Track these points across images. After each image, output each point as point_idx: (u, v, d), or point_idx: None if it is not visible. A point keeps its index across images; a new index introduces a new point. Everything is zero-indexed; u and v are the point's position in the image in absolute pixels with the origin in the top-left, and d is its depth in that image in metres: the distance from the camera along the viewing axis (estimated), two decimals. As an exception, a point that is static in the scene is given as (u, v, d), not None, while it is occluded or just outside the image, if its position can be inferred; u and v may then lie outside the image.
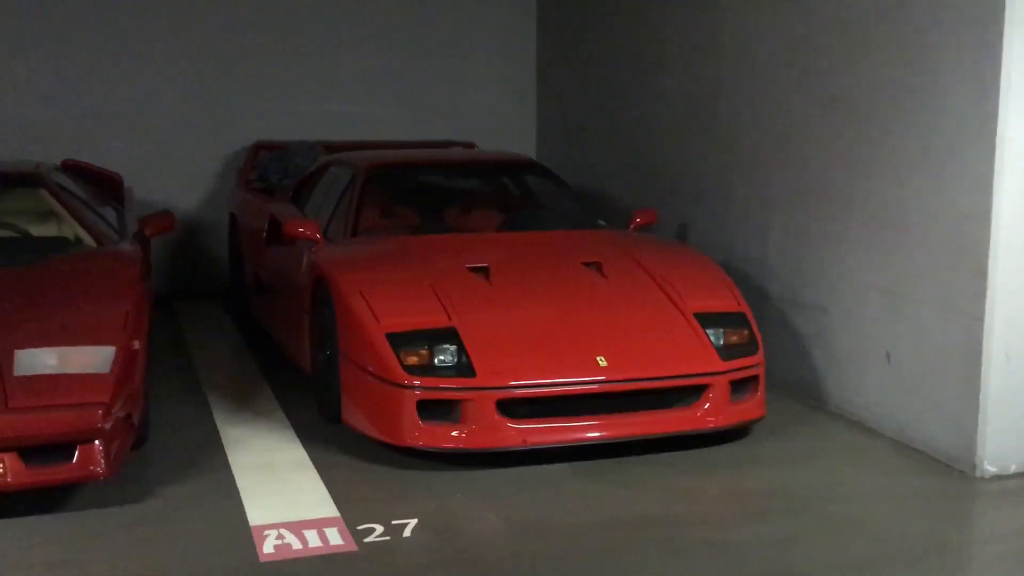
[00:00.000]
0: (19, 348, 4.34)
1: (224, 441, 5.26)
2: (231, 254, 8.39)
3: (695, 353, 5.09)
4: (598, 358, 4.92)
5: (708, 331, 5.18)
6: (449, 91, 9.57)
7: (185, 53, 8.88)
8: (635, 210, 6.57)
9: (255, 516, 4.33)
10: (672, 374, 5.01)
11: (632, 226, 6.44)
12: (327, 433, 5.33)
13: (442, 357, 4.87)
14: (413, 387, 4.78)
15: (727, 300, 5.43)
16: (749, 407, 5.21)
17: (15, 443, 4.11)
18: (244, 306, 7.83)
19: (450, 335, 4.93)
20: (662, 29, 7.62)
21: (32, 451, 4.17)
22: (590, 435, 4.90)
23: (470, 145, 8.96)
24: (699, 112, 7.15)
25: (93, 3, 8.67)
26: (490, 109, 9.66)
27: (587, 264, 5.62)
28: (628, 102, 8.16)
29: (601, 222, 6.49)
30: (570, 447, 4.94)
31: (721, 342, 5.17)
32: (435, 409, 4.82)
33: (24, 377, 4.24)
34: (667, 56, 7.56)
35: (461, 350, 4.87)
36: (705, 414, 5.05)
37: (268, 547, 4.04)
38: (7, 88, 8.51)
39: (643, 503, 4.54)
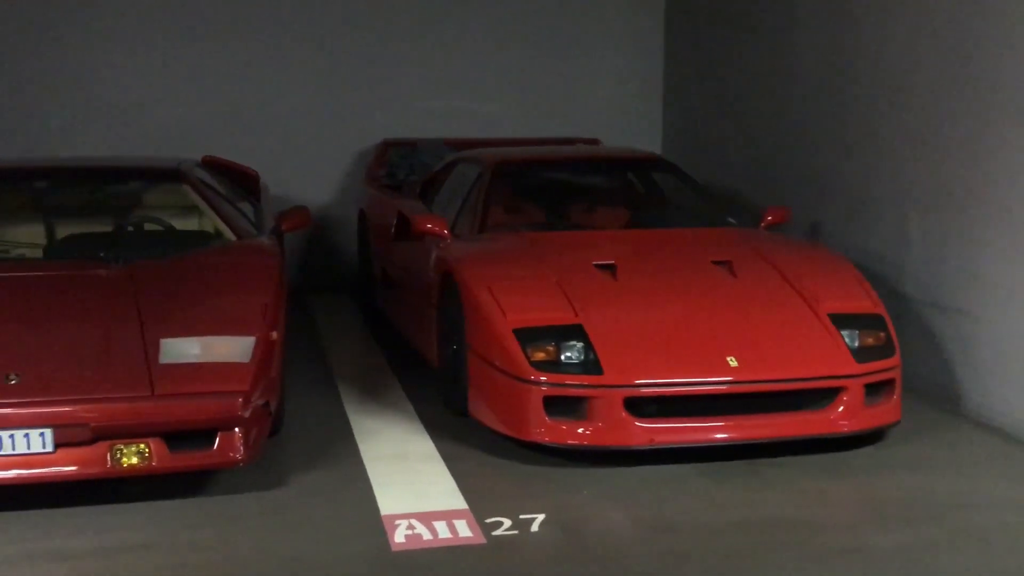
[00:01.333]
0: (165, 337, 4.51)
1: (355, 431, 5.37)
2: (360, 249, 8.56)
3: (829, 355, 4.98)
4: (728, 358, 4.86)
5: (843, 332, 5.06)
6: (574, 88, 9.57)
7: (318, 52, 9.11)
8: (766, 208, 6.46)
9: (386, 506, 4.41)
10: (805, 376, 4.91)
11: (763, 224, 6.34)
12: (454, 426, 5.39)
13: (569, 354, 4.88)
14: (540, 383, 4.79)
15: (863, 301, 5.29)
16: (884, 411, 5.07)
17: (161, 429, 4.28)
18: (372, 300, 7.99)
19: (577, 332, 4.93)
20: (794, 22, 7.48)
21: (176, 437, 4.33)
22: (718, 436, 4.84)
23: (594, 142, 8.95)
24: (832, 106, 6.99)
25: (231, 6, 8.97)
26: (615, 106, 9.63)
27: (717, 262, 5.55)
28: (758, 96, 8.04)
29: (731, 220, 6.40)
30: (697, 447, 4.89)
31: (856, 344, 5.04)
32: (561, 405, 4.83)
33: (169, 365, 4.41)
34: (799, 50, 7.41)
35: (588, 347, 4.87)
36: (838, 417, 4.93)
37: (399, 536, 4.11)
38: (152, 89, 8.87)
39: (774, 506, 4.46)
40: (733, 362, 4.84)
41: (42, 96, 8.78)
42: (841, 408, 4.93)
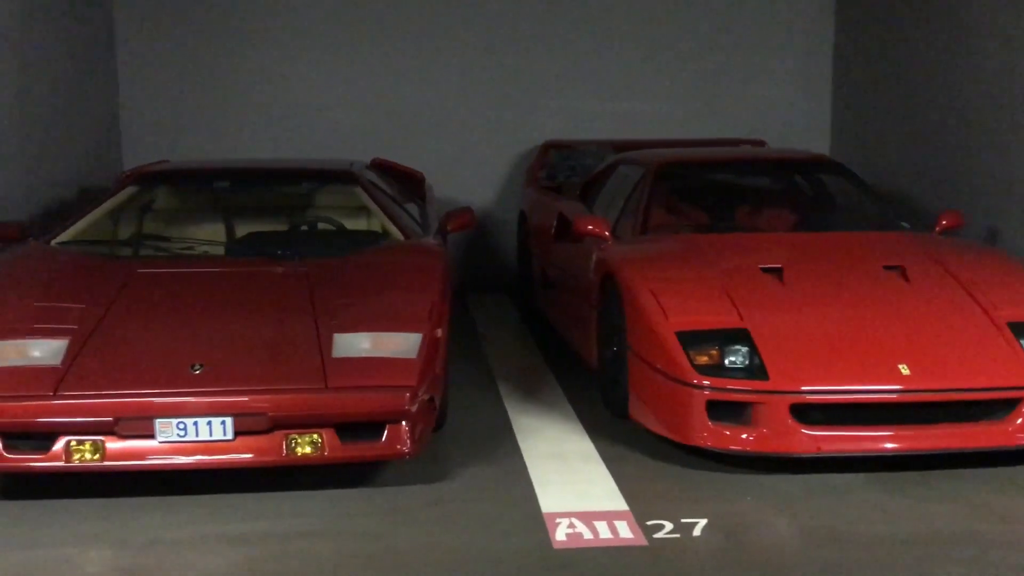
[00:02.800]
0: (338, 332, 4.68)
1: (515, 429, 5.44)
2: (519, 250, 8.66)
3: (1007, 364, 4.76)
4: (900, 366, 4.71)
5: (1022, 341, 4.84)
6: (739, 88, 9.45)
7: (483, 56, 9.28)
8: (940, 212, 6.22)
9: (547, 503, 4.45)
10: (981, 386, 4.72)
11: (937, 229, 6.11)
12: (613, 427, 5.40)
13: (733, 358, 4.81)
14: (703, 387, 4.75)
15: (1045, 309, 5.05)
16: (1067, 425, 4.82)
17: (333, 420, 4.44)
18: (531, 301, 8.07)
19: (742, 336, 4.86)
20: (972, 18, 7.18)
21: (346, 428, 4.49)
22: (888, 446, 4.70)
23: (760, 143, 8.80)
24: (1012, 106, 6.67)
25: (400, 12, 9.22)
26: (782, 106, 9.46)
27: (889, 268, 5.39)
28: (934, 95, 7.74)
29: (904, 224, 6.20)
30: (865, 457, 4.76)
31: (1037, 354, 4.81)
32: (725, 410, 4.77)
33: (341, 359, 4.56)
34: (977, 49, 7.10)
35: (753, 352, 4.80)
36: (1016, 430, 4.72)
37: (560, 535, 4.15)
38: (327, 93, 9.21)
39: (946, 519, 4.30)
40: (905, 370, 4.69)
41: (225, 100, 9.24)
42: (1020, 420, 4.71)
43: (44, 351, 4.51)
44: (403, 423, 4.49)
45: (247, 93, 9.24)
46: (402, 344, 4.63)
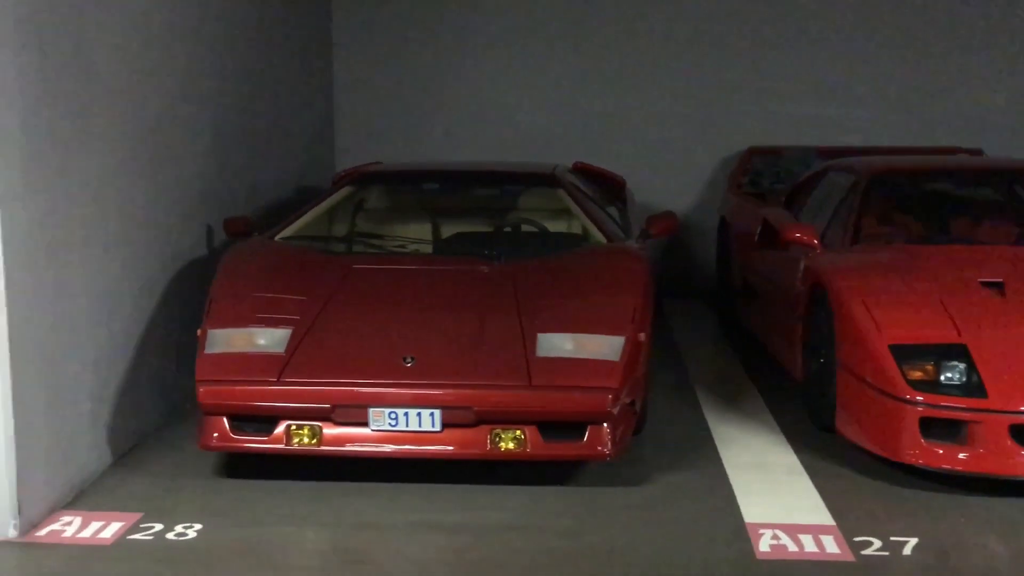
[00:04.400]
0: (541, 332, 4.75)
1: (715, 437, 5.39)
2: (719, 257, 8.56)
3: None
4: None
5: None
6: (954, 94, 9.05)
7: (683, 59, 9.23)
8: None
9: (750, 514, 4.40)
10: None
11: None
12: (818, 440, 5.27)
13: (949, 374, 4.63)
14: (916, 403, 4.58)
15: None
16: None
17: (536, 417, 4.52)
18: (730, 308, 7.96)
19: (959, 352, 4.67)
20: None
21: (548, 426, 4.56)
22: (1117, 473, 4.41)
23: (977, 152, 8.39)
24: None
25: (600, 15, 9.28)
26: (1000, 113, 8.98)
27: (1121, 284, 5.06)
28: None
29: None
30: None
31: None
32: (938, 428, 4.59)
33: (545, 358, 4.64)
34: None
35: (971, 368, 4.60)
36: None
37: (764, 545, 4.09)
38: (524, 96, 9.37)
39: None
40: None
41: (431, 104, 9.54)
42: None
43: (269, 339, 4.77)
44: (604, 425, 4.53)
45: (453, 97, 9.51)
46: (605, 346, 4.67)
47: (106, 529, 4.25)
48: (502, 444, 4.54)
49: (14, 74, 4.05)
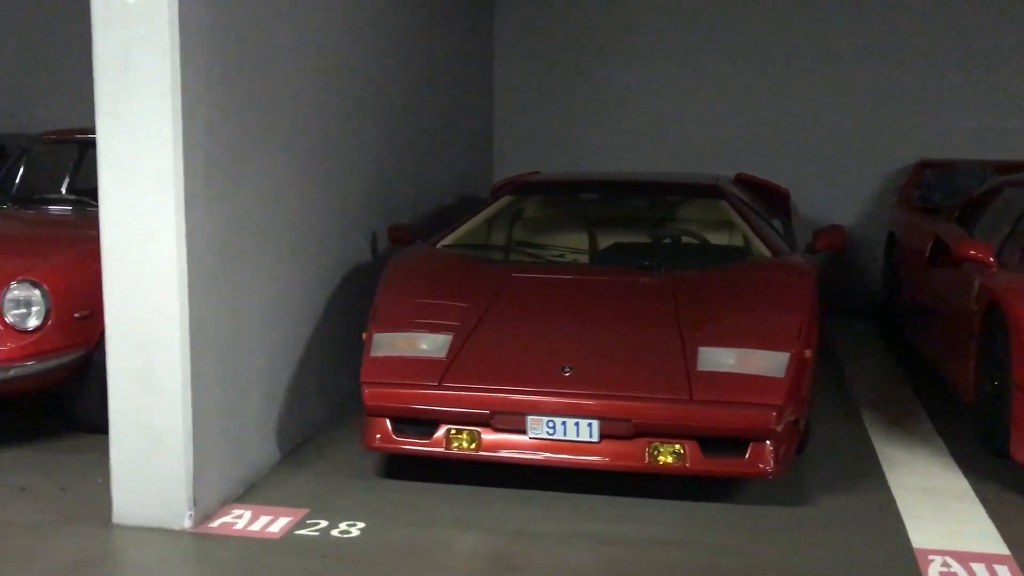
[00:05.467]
0: (703, 346, 4.69)
1: (881, 459, 5.22)
2: (886, 273, 8.29)
3: None
4: None
5: None
6: None
7: (851, 72, 8.99)
8: None
9: (918, 539, 4.24)
10: None
11: None
12: (991, 466, 5.05)
13: None
14: (1102, 431, 4.33)
15: None
16: None
17: (696, 432, 4.46)
18: (896, 325, 7.69)
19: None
20: None
21: (708, 441, 4.50)
22: None
23: None
24: None
25: (762, 27, 9.12)
26: None
27: None
28: None
29: None
30: None
31: None
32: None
33: (706, 372, 4.58)
34: None
35: None
36: None
37: (933, 572, 3.94)
38: (684, 106, 9.29)
39: None
40: None
41: (589, 114, 9.56)
42: None
43: (431, 344, 4.87)
44: (767, 442, 4.44)
45: (612, 107, 9.51)
46: (769, 362, 4.57)
47: (274, 523, 4.41)
48: (660, 458, 4.51)
49: (201, 89, 4.26)
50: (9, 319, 5.09)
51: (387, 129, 6.66)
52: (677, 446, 4.49)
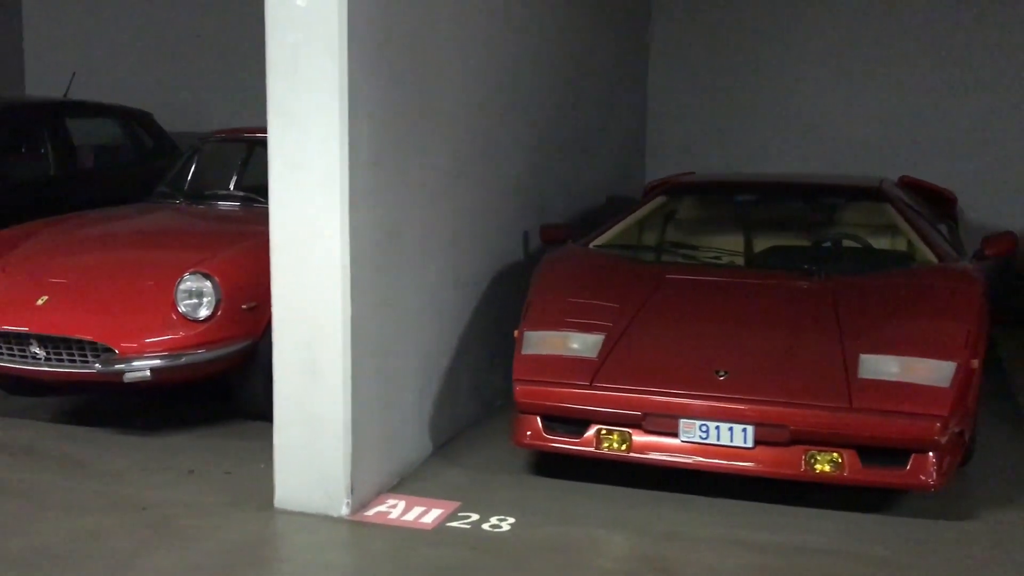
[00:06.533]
0: (864, 353, 4.56)
1: (1049, 477, 4.98)
2: (1059, 281, 7.88)
3: None
4: None
5: None
6: None
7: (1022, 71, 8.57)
8: None
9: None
10: None
11: None
12: None
13: None
14: None
15: None
16: None
17: (855, 441, 4.34)
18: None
19: None
20: None
21: (867, 451, 4.37)
22: None
23: None
24: None
25: (935, 27, 8.80)
26: None
27: None
28: None
29: None
30: None
31: None
32: None
33: (867, 380, 4.44)
34: None
35: None
36: None
37: (1111, 600, 3.73)
38: (845, 108, 9.04)
39: None
40: None
41: (743, 114, 9.41)
42: None
43: (582, 344, 4.87)
44: (930, 454, 4.29)
45: (765, 108, 9.34)
46: (934, 372, 4.41)
47: (427, 515, 4.50)
48: (817, 466, 4.40)
49: (366, 89, 4.38)
50: (182, 309, 5.34)
51: (541, 128, 6.71)
52: (835, 454, 4.38)
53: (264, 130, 4.45)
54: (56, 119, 8.26)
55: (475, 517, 4.47)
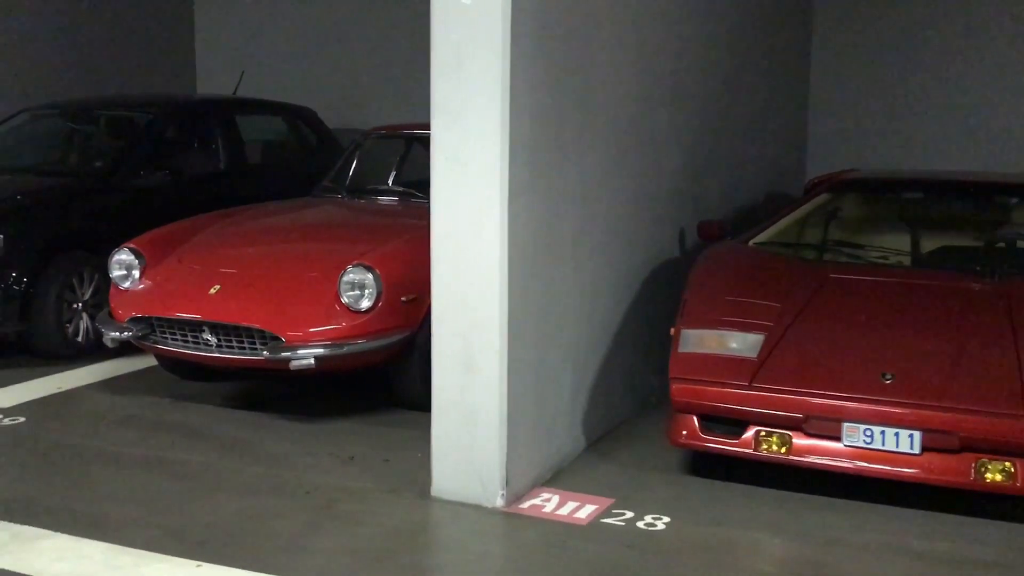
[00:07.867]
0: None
1: None
2: None
3: None
4: None
5: None
6: None
7: None
8: None
9: None
10: None
11: None
12: None
13: None
14: None
15: None
16: None
17: (1030, 451, 4.15)
18: None
19: None
20: None
21: (1038, 462, 4.17)
22: None
23: None
24: None
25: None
26: None
27: None
28: None
29: None
30: None
31: None
32: None
33: (1044, 389, 4.24)
34: None
35: None
36: None
37: None
38: (1014, 104, 8.63)
39: None
40: None
41: (907, 109, 9.09)
42: None
43: (741, 343, 4.78)
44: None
45: (942, 101, 8.98)
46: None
47: (581, 510, 4.51)
48: (988, 475, 4.22)
49: (527, 86, 4.41)
50: (344, 300, 5.49)
51: (699, 124, 6.62)
52: (1008, 464, 4.19)
53: (422, 126, 4.54)
54: (226, 116, 8.61)
55: (630, 514, 4.45)
